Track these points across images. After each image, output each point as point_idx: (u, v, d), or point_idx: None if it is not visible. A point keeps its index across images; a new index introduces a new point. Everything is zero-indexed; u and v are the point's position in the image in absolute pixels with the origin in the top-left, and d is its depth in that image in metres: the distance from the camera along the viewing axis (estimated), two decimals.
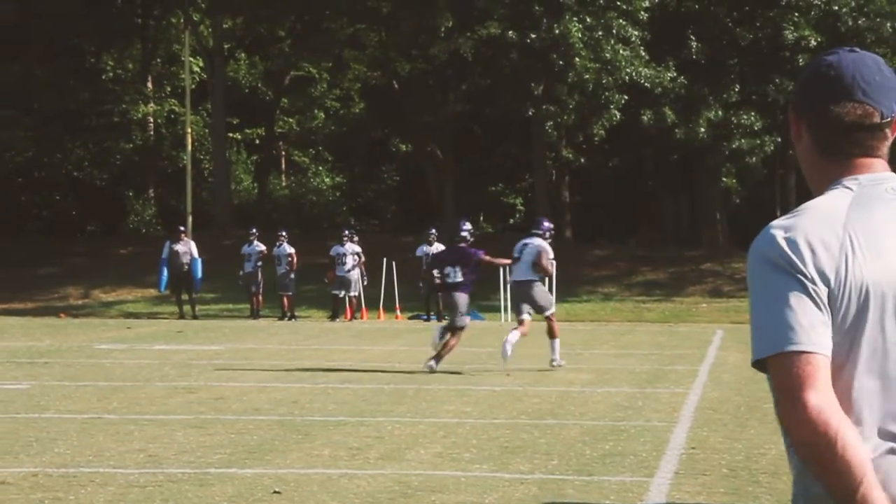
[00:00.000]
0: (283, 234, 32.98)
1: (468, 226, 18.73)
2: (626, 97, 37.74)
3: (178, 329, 28.00)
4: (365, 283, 32.02)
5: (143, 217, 47.93)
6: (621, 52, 37.11)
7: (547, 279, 22.31)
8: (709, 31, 39.62)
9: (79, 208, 49.65)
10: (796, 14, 38.61)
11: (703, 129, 38.22)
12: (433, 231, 32.39)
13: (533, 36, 37.09)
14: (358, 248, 31.90)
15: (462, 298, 18.16)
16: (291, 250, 32.42)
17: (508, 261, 18.57)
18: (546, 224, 18.62)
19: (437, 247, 31.67)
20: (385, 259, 32.92)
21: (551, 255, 18.35)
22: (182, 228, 33.83)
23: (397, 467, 10.26)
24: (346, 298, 31.50)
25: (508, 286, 18.33)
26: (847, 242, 2.63)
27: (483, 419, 13.12)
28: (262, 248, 32.76)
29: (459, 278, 18.11)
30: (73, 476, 9.84)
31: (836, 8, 38.39)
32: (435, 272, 18.87)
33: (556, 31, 36.69)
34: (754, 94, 39.65)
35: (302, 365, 19.19)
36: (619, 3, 37.43)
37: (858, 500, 2.51)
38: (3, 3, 43.30)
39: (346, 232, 32.56)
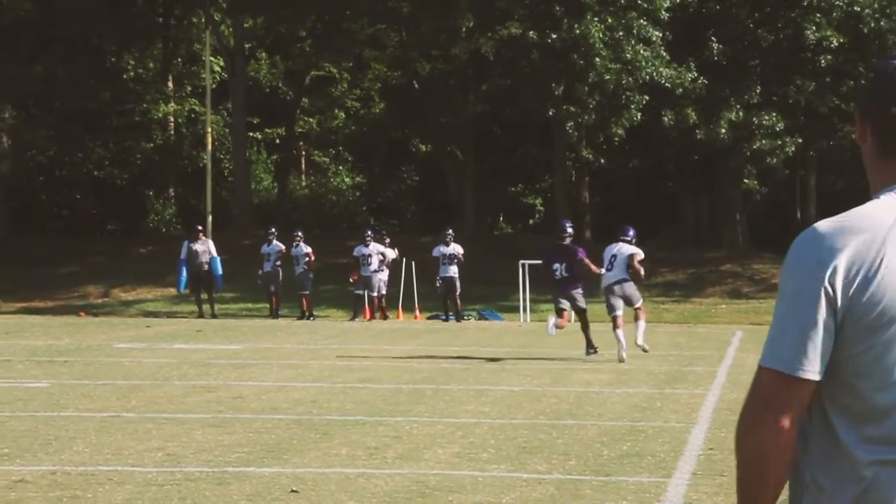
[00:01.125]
0: (299, 234, 32.98)
1: (568, 223, 20.76)
2: (646, 98, 37.68)
3: (198, 328, 28.04)
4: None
5: (164, 216, 48.02)
6: (642, 52, 37.04)
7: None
8: (730, 32, 39.51)
9: (99, 207, 49.79)
10: (818, 15, 38.47)
11: (723, 130, 38.12)
12: (450, 231, 32.40)
13: (554, 36, 37.04)
14: (382, 248, 31.91)
15: (577, 294, 19.84)
16: (308, 250, 32.42)
17: (602, 271, 20.06)
18: (632, 231, 20.27)
19: (454, 247, 31.70)
20: (404, 259, 32.95)
21: (642, 257, 20.09)
22: (200, 228, 33.84)
23: (415, 467, 10.26)
24: (367, 298, 31.48)
25: (603, 289, 20.14)
26: (883, 256, 2.65)
27: (501, 419, 13.11)
28: (282, 247, 32.78)
29: (566, 274, 19.75)
30: (91, 474, 9.86)
31: (858, 9, 38.23)
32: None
33: (577, 32, 36.64)
34: (775, 95, 39.53)
35: (320, 364, 19.21)
36: (640, 2, 37.35)
37: None
38: None
39: (369, 232, 32.54)
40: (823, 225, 2.71)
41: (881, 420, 2.66)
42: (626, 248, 19.95)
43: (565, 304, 19.81)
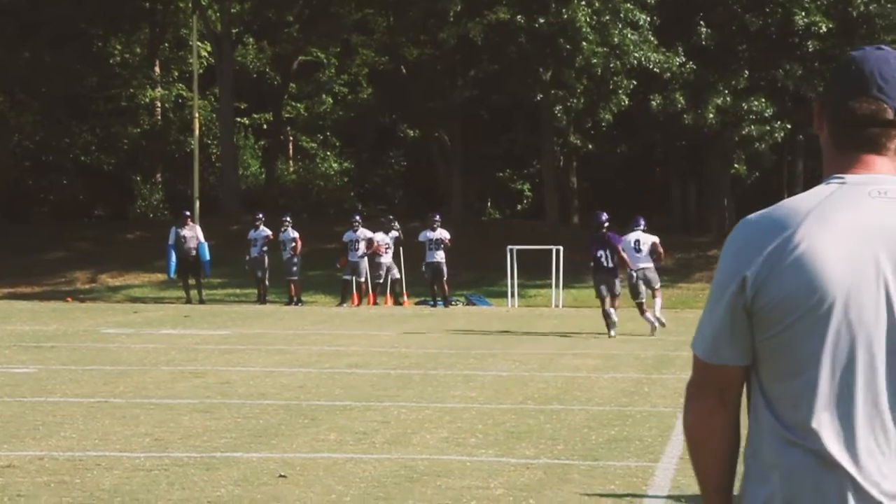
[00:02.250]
0: (287, 219, 32.97)
1: (604, 214, 22.17)
2: (634, 82, 37.63)
3: (185, 314, 28.02)
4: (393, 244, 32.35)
5: (151, 202, 47.92)
6: (629, 36, 36.98)
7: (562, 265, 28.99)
8: (718, 17, 39.45)
9: (86, 193, 49.64)
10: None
11: (711, 115, 38.07)
12: (437, 216, 32.35)
13: (541, 20, 36.97)
14: (369, 233, 31.85)
15: (617, 281, 21.83)
16: (295, 235, 32.39)
17: (632, 267, 22.07)
18: (643, 221, 22.80)
19: (441, 232, 31.66)
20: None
21: (658, 240, 22.69)
22: (188, 213, 33.77)
23: (403, 452, 10.27)
24: (355, 283, 31.47)
25: (632, 272, 22.18)
26: (797, 244, 2.69)
27: (489, 404, 13.13)
28: (269, 232, 32.75)
29: (611, 263, 21.73)
30: (78, 460, 9.85)
31: None
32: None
33: (565, 16, 36.57)
34: (762, 81, 39.50)
35: (308, 350, 19.20)
36: None
37: (707, 497, 2.99)
38: None
39: (357, 217, 32.53)
40: (752, 216, 2.80)
41: (797, 405, 2.72)
42: (647, 237, 22.45)
43: (605, 290, 21.62)
